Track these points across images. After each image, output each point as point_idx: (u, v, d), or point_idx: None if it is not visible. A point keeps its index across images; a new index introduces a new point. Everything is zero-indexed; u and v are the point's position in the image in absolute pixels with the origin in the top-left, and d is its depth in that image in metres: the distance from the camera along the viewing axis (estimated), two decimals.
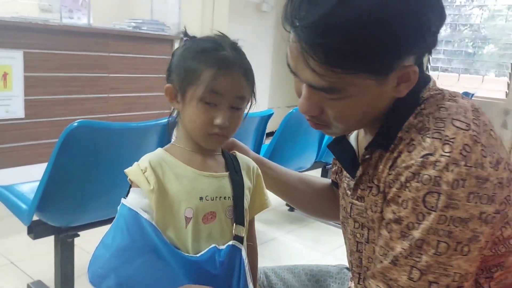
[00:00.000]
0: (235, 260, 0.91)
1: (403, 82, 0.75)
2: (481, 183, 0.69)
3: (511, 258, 0.78)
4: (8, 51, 3.05)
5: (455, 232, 0.69)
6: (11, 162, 3.16)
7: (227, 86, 0.87)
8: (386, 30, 0.67)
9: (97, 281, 0.87)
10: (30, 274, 2.17)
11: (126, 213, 0.87)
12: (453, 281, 0.70)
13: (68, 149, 1.47)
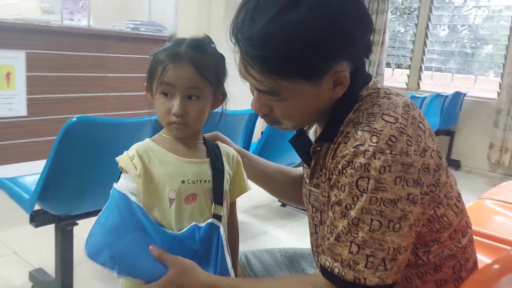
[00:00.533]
0: (213, 236, 1.00)
1: (338, 85, 0.86)
2: (406, 168, 0.79)
3: (446, 234, 0.89)
4: (11, 52, 3.13)
5: (386, 212, 0.78)
6: (14, 158, 3.24)
7: (176, 77, 0.97)
8: (311, 42, 0.78)
9: (94, 256, 0.98)
10: (32, 262, 2.27)
11: (117, 196, 0.99)
12: (387, 254, 0.79)
13: (67, 143, 1.57)
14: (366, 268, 0.79)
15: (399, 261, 0.80)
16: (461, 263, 0.92)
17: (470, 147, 5.00)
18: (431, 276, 0.90)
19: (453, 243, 0.91)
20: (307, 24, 0.78)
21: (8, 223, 2.71)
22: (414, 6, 5.48)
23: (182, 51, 0.98)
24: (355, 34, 0.83)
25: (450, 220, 0.90)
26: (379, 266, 0.79)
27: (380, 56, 5.42)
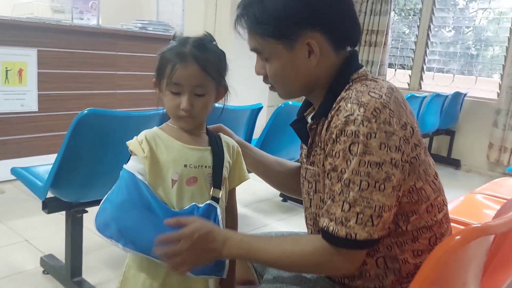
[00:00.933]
0: (210, 215, 1.10)
1: (312, 53, 1.01)
2: (389, 136, 0.90)
3: (423, 206, 1.00)
4: (23, 49, 3.23)
5: (373, 173, 0.89)
6: (25, 152, 3.35)
7: (183, 77, 1.07)
8: (280, 8, 0.98)
9: (102, 229, 1.09)
10: (42, 249, 2.38)
11: (126, 175, 1.10)
12: (374, 211, 0.89)
13: (78, 133, 1.69)
14: (356, 224, 0.89)
15: (384, 219, 0.90)
16: (436, 236, 1.02)
17: (470, 146, 5.08)
18: (409, 245, 0.99)
19: (430, 216, 1.01)
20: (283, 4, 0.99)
21: (19, 213, 2.84)
22: (417, 7, 5.56)
23: (187, 51, 1.07)
24: (325, 9, 0.99)
25: (428, 194, 1.00)
26: (367, 222, 0.89)
27: (383, 57, 5.50)
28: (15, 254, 2.35)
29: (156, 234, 1.05)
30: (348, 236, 0.90)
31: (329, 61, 1.05)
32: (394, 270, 1.00)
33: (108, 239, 1.09)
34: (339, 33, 1.03)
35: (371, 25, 5.51)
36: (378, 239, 0.91)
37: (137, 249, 1.07)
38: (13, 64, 3.20)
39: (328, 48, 1.03)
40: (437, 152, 5.32)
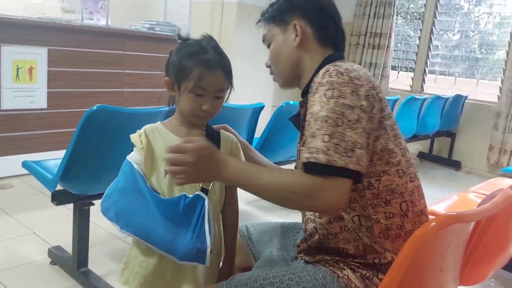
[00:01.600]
0: (197, 205, 1.17)
1: (296, 36, 1.22)
2: (359, 87, 1.05)
3: (394, 169, 1.10)
4: (34, 48, 3.32)
5: (346, 113, 1.01)
6: (34, 148, 3.44)
7: (210, 83, 1.17)
8: (282, 6, 1.26)
9: (105, 211, 1.22)
10: (50, 241, 2.46)
11: (126, 164, 1.22)
12: (348, 145, 0.99)
13: (88, 128, 1.77)
14: (335, 153, 0.98)
15: (357, 154, 0.99)
16: (407, 204, 1.12)
17: (471, 148, 5.13)
18: (382, 208, 1.10)
19: (401, 182, 1.11)
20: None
21: (28, 207, 2.93)
22: (421, 11, 5.62)
23: (212, 58, 1.18)
24: (312, 10, 1.24)
25: (399, 158, 1.11)
26: (343, 153, 0.98)
27: (386, 59, 5.57)
28: (24, 245, 2.43)
29: (146, 218, 1.16)
30: (328, 163, 0.98)
31: (314, 51, 1.24)
32: (367, 227, 1.10)
33: (110, 221, 1.21)
34: (323, 28, 1.24)
35: (374, 28, 5.58)
36: (353, 171, 0.98)
37: (131, 231, 1.18)
38: (24, 62, 3.29)
39: (312, 38, 1.24)
40: (438, 154, 5.38)
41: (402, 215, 1.10)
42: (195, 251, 1.13)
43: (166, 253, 1.16)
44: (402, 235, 1.10)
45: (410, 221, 1.11)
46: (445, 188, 4.36)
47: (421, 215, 1.15)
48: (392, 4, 5.43)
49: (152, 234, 1.15)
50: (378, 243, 1.10)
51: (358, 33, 5.76)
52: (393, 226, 1.09)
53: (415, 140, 4.73)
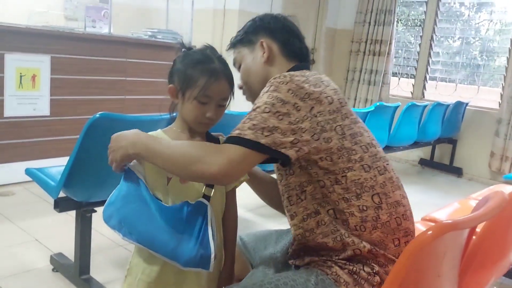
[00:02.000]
0: (200, 212, 1.18)
1: (264, 52, 1.32)
2: (299, 88, 1.12)
3: (357, 165, 1.15)
4: (37, 56, 3.35)
5: (276, 105, 1.10)
6: (36, 155, 3.45)
7: (216, 91, 1.20)
8: (249, 30, 1.37)
9: (107, 219, 1.23)
10: (52, 249, 2.47)
11: (128, 172, 1.23)
12: (267, 126, 1.07)
13: (90, 136, 1.79)
14: (249, 130, 1.08)
15: (274, 136, 1.07)
16: (380, 196, 1.15)
17: (472, 155, 5.14)
18: (354, 201, 1.14)
19: (369, 176, 1.16)
20: (251, 23, 1.39)
21: (30, 214, 2.94)
22: (421, 18, 5.65)
23: (218, 67, 1.21)
24: (275, 29, 1.35)
25: (360, 155, 1.16)
26: (258, 131, 1.07)
27: (387, 66, 5.59)
28: (26, 252, 2.44)
29: (149, 226, 1.17)
30: (238, 136, 1.08)
31: (281, 65, 1.33)
32: (343, 220, 1.15)
33: (112, 229, 1.22)
34: (288, 44, 1.34)
35: (375, 35, 5.62)
36: (264, 145, 1.06)
37: (134, 239, 1.18)
38: (27, 70, 3.31)
39: (278, 53, 1.33)
40: (440, 161, 5.39)
41: (376, 207, 1.14)
42: (199, 257, 1.14)
43: (169, 260, 1.17)
44: (379, 227, 1.14)
45: (385, 212, 1.15)
46: (447, 195, 4.36)
47: (397, 205, 1.19)
48: (393, 11, 5.46)
49: (155, 241, 1.16)
50: (354, 236, 1.13)
51: (359, 40, 5.79)
52: (368, 218, 1.14)
53: (416, 146, 4.74)
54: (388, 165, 1.23)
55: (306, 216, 1.18)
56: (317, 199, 1.16)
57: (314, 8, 5.96)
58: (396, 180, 1.23)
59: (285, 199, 1.22)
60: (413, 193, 4.32)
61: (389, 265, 1.13)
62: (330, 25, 6.11)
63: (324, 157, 1.13)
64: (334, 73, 6.30)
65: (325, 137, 1.12)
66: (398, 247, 1.15)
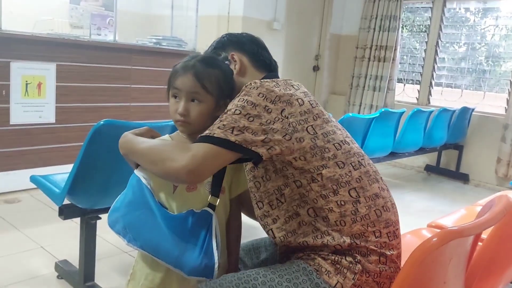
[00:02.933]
0: (205, 221, 1.19)
1: (235, 64, 1.36)
2: (269, 91, 1.17)
3: (331, 162, 1.17)
4: (43, 63, 3.37)
5: (247, 108, 1.14)
6: (42, 162, 3.46)
7: (181, 83, 1.22)
8: (220, 45, 1.41)
9: (112, 225, 1.24)
10: (57, 256, 2.47)
11: (133, 179, 1.23)
12: (237, 126, 1.11)
13: (95, 143, 1.80)
14: (218, 129, 1.12)
15: (245, 135, 1.11)
16: (357, 190, 1.18)
17: (479, 161, 5.10)
18: (332, 197, 1.16)
19: (343, 172, 1.18)
20: (219, 39, 1.44)
21: (35, 221, 2.95)
22: (426, 24, 5.65)
23: (190, 63, 1.23)
24: (244, 42, 1.40)
25: (333, 152, 1.19)
26: (227, 130, 1.11)
27: (392, 72, 5.58)
28: (31, 259, 2.45)
29: (153, 233, 1.17)
30: (208, 134, 1.12)
31: (252, 76, 1.36)
32: (323, 217, 1.16)
33: (117, 235, 1.23)
34: (257, 55, 1.39)
35: (380, 41, 5.61)
36: (234, 143, 1.10)
37: (138, 245, 1.19)
38: (32, 77, 3.33)
39: (249, 64, 1.37)
40: (446, 167, 5.36)
41: (354, 201, 1.17)
42: (203, 267, 1.15)
43: (173, 268, 1.17)
44: (358, 220, 1.16)
45: (363, 205, 1.17)
46: (453, 202, 4.33)
47: (376, 198, 1.20)
48: (397, 17, 5.46)
49: (160, 249, 1.17)
50: (335, 231, 1.15)
51: (364, 46, 5.79)
52: (347, 212, 1.16)
53: (422, 152, 4.72)
54: (364, 160, 1.26)
55: (288, 218, 1.19)
56: (296, 200, 1.18)
57: (319, 14, 5.97)
58: (373, 174, 1.25)
59: (266, 204, 1.22)
60: (419, 199, 4.34)
61: (371, 255, 1.15)
62: (334, 31, 6.12)
63: (298, 157, 1.15)
64: (339, 79, 6.30)
65: (297, 137, 1.15)
66: (379, 238, 1.16)
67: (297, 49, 5.75)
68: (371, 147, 3.67)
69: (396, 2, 5.48)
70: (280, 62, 5.52)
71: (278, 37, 5.30)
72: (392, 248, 1.18)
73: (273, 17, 5.15)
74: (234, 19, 4.87)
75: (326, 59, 6.11)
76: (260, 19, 4.98)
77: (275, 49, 5.33)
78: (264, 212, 1.23)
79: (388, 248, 1.17)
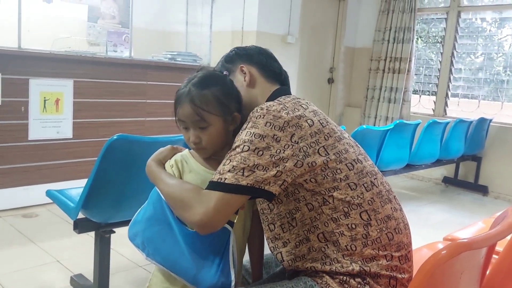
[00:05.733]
0: (222, 238, 1.19)
1: (245, 76, 1.35)
2: (276, 118, 1.13)
3: (343, 183, 1.14)
4: (61, 80, 3.45)
5: (254, 141, 1.10)
6: (59, 177, 3.52)
7: (183, 115, 1.22)
8: (230, 58, 1.40)
9: (132, 238, 1.25)
10: (72, 269, 2.49)
11: (154, 194, 1.25)
12: (247, 166, 1.08)
13: (108, 157, 1.82)
14: (229, 172, 1.09)
15: (256, 174, 1.08)
16: (368, 213, 1.15)
17: (498, 172, 5.01)
18: (343, 221, 1.14)
19: (355, 194, 1.15)
20: (227, 54, 1.44)
21: (52, 235, 2.99)
22: (441, 35, 5.62)
23: (186, 91, 1.22)
24: (252, 54, 1.39)
25: (345, 173, 1.16)
26: (238, 172, 1.08)
27: (407, 83, 5.55)
28: (47, 273, 2.48)
29: (172, 250, 1.18)
30: (219, 180, 1.09)
31: (262, 87, 1.35)
32: (333, 242, 1.14)
33: (136, 248, 1.24)
34: (266, 66, 1.38)
35: (394, 53, 5.59)
36: (246, 186, 1.08)
37: (157, 260, 1.20)
38: (50, 94, 3.41)
39: (259, 75, 1.36)
40: (464, 178, 5.27)
41: (365, 225, 1.14)
42: (220, 284, 1.16)
43: (190, 284, 1.18)
44: (369, 244, 1.14)
45: (375, 229, 1.15)
46: (472, 214, 4.25)
47: (388, 220, 1.18)
48: (412, 28, 5.44)
49: (178, 265, 1.18)
50: (345, 256, 1.13)
51: (378, 58, 5.77)
52: (358, 236, 1.13)
53: (439, 164, 4.65)
54: (376, 179, 1.22)
55: (299, 242, 1.18)
56: (307, 225, 1.17)
57: (332, 28, 5.99)
58: (386, 194, 1.22)
59: (278, 227, 1.21)
60: (437, 212, 4.27)
61: (382, 278, 1.13)
62: (348, 43, 6.12)
63: (309, 179, 1.13)
64: (354, 92, 6.29)
65: (308, 162, 1.13)
66: (391, 262, 1.14)
67: (312, 62, 5.76)
68: (387, 159, 3.64)
69: (410, 14, 5.47)
70: (295, 76, 5.60)
71: (292, 50, 5.32)
72: (404, 272, 1.16)
73: (287, 31, 5.18)
74: (248, 34, 4.91)
75: (340, 72, 6.11)
76: (274, 33, 5.01)
77: (289, 63, 5.42)
78: (275, 234, 1.22)
79: (399, 272, 1.15)
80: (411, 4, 5.46)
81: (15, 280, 2.37)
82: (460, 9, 5.37)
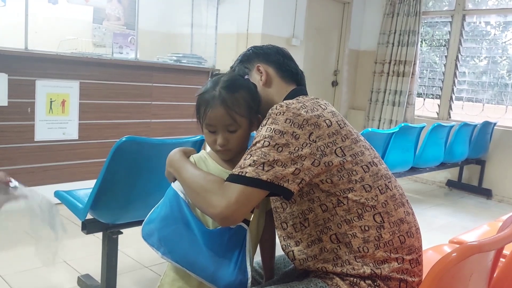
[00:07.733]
0: (240, 236, 1.20)
1: (262, 76, 1.36)
2: (296, 116, 1.14)
3: (358, 185, 1.15)
4: (67, 82, 3.46)
5: (274, 137, 1.12)
6: (65, 178, 3.54)
7: (213, 119, 1.22)
8: (248, 57, 1.41)
9: (146, 237, 1.26)
10: (79, 270, 2.51)
11: (171, 193, 1.26)
12: (267, 161, 1.09)
13: (117, 159, 1.84)
14: (249, 166, 1.10)
15: (276, 170, 1.09)
16: (381, 215, 1.16)
17: (502, 176, 5.01)
18: (356, 222, 1.15)
19: (370, 196, 1.16)
20: (244, 53, 1.44)
21: None
22: (446, 38, 5.62)
23: (216, 94, 1.22)
24: (269, 53, 1.40)
25: (361, 175, 1.17)
26: (258, 167, 1.09)
27: (411, 86, 5.55)
28: (54, 274, 2.49)
29: (190, 248, 1.19)
30: (240, 174, 1.10)
31: (279, 87, 1.37)
32: (346, 243, 1.15)
33: (150, 247, 1.24)
34: (283, 65, 1.39)
35: (398, 56, 5.60)
36: (266, 181, 1.09)
37: (173, 259, 1.21)
38: (57, 95, 3.43)
39: (275, 75, 1.37)
40: (468, 182, 5.27)
41: (378, 227, 1.15)
42: (238, 282, 1.17)
43: (208, 282, 1.19)
44: (381, 246, 1.14)
45: (387, 231, 1.15)
46: (476, 217, 4.26)
47: (400, 223, 1.19)
48: (416, 32, 5.45)
49: (196, 264, 1.18)
50: (357, 258, 1.14)
51: (382, 61, 5.78)
52: (371, 238, 1.14)
53: (443, 168, 4.65)
54: (390, 182, 1.23)
55: (311, 242, 1.20)
56: (320, 226, 1.18)
57: (337, 30, 6.00)
58: (400, 197, 1.23)
59: (290, 226, 1.23)
60: (441, 215, 4.27)
61: (392, 280, 1.14)
62: (353, 46, 6.13)
63: (325, 180, 1.15)
64: (358, 94, 6.29)
65: (325, 161, 1.14)
66: (402, 265, 1.15)
67: (316, 65, 5.77)
68: (391, 162, 3.65)
69: (415, 17, 5.48)
70: None
71: (297, 53, 5.33)
72: (414, 275, 1.17)
73: (291, 34, 5.19)
74: (253, 36, 4.92)
75: (345, 74, 6.12)
76: (279, 36, 5.02)
77: None
78: (288, 233, 1.24)
79: (410, 275, 1.16)
80: (416, 7, 5.47)
81: (22, 280, 2.39)
82: (465, 12, 5.37)
